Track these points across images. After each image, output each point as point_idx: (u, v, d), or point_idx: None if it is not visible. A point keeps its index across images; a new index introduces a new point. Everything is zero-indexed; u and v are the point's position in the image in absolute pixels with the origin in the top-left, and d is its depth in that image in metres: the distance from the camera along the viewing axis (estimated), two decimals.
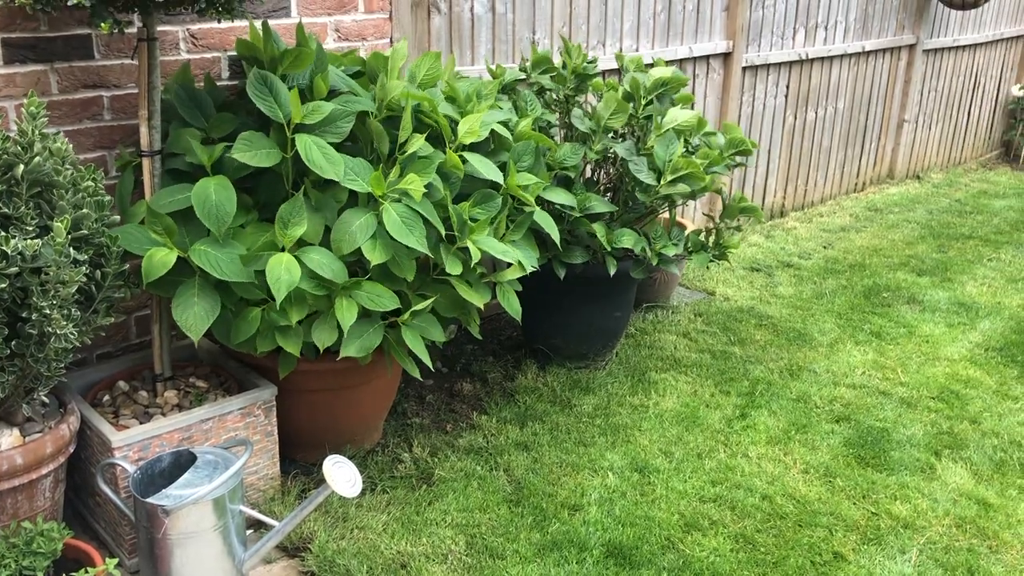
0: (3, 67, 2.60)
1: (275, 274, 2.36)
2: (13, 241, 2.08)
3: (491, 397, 3.50)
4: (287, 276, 2.37)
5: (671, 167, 3.19)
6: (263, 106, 2.44)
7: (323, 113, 2.42)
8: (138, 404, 2.70)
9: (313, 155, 2.41)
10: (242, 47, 2.71)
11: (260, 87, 2.46)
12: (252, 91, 2.45)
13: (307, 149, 2.41)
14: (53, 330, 2.16)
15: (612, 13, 4.40)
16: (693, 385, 3.65)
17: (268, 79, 2.47)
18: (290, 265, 2.39)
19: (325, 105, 2.43)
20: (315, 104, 2.43)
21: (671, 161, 3.21)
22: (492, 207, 2.68)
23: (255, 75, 2.47)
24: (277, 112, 2.45)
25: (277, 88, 2.46)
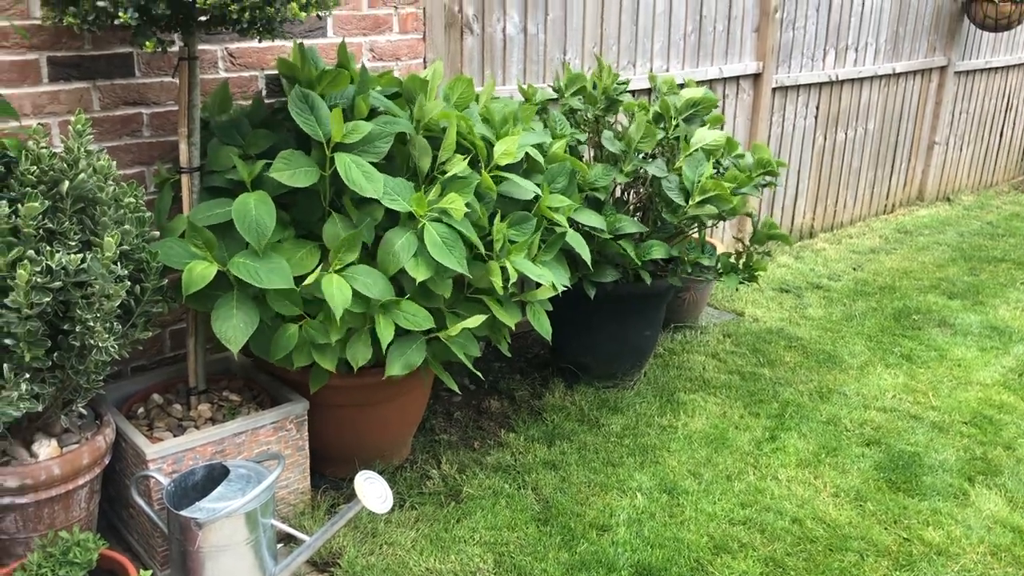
0: (48, 84, 2.66)
1: (331, 293, 2.39)
2: (58, 256, 2.12)
3: (519, 415, 3.50)
4: (340, 295, 2.40)
5: (699, 188, 3.20)
6: (303, 124, 2.48)
7: (362, 133, 2.45)
8: (172, 417, 2.74)
9: (353, 174, 2.44)
10: (283, 66, 2.75)
11: (301, 105, 2.50)
12: (293, 108, 2.48)
13: (347, 168, 2.44)
14: (95, 343, 2.20)
15: (643, 33, 4.42)
16: (722, 406, 3.64)
17: (309, 97, 2.51)
18: (341, 286, 2.42)
19: (364, 125, 2.47)
20: (355, 124, 2.47)
21: (699, 182, 3.22)
22: (527, 229, 2.70)
23: (296, 93, 2.51)
24: (317, 130, 2.48)
25: (317, 107, 2.50)
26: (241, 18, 2.14)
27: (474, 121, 2.76)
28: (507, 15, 3.83)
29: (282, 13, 2.18)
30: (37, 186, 2.16)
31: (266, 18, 2.17)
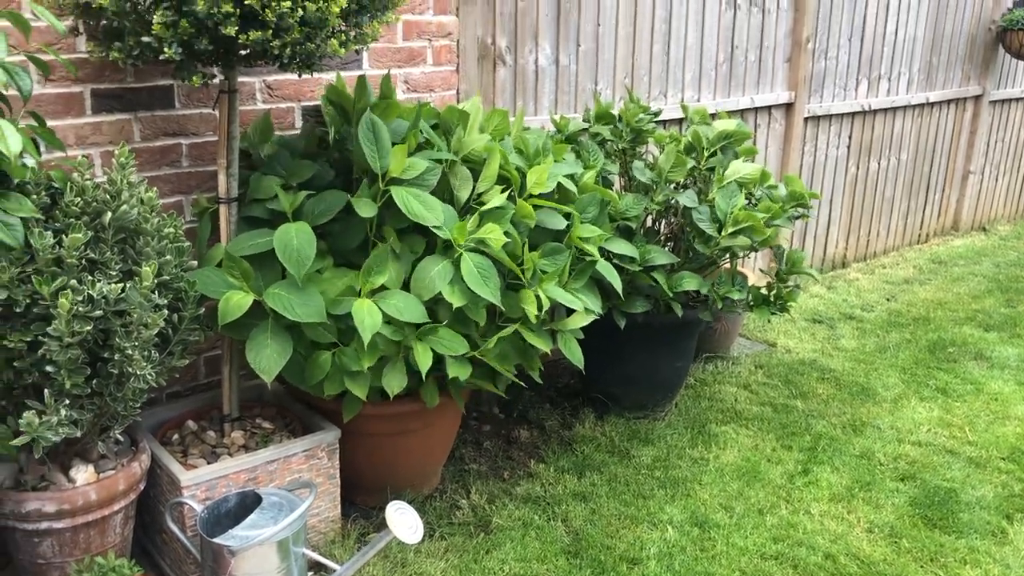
0: (91, 116, 2.72)
1: (360, 318, 2.41)
2: (99, 285, 2.16)
3: (548, 445, 3.50)
4: (370, 320, 2.42)
5: (732, 219, 3.20)
6: (369, 153, 2.51)
7: (418, 170, 2.50)
8: (206, 444, 2.77)
9: (412, 206, 2.49)
10: (332, 92, 2.79)
11: (368, 135, 2.54)
12: (363, 135, 2.52)
13: (405, 201, 2.48)
14: (133, 371, 2.23)
15: (674, 64, 4.45)
16: (754, 439, 3.61)
17: (376, 127, 2.55)
18: (371, 310, 2.45)
19: (420, 162, 2.51)
20: (412, 161, 2.51)
21: (732, 213, 3.22)
22: (559, 259, 2.72)
23: (367, 122, 2.54)
24: (377, 163, 2.52)
25: (382, 138, 2.53)
26: (282, 53, 2.19)
27: (508, 152, 2.79)
28: (539, 47, 3.87)
29: (322, 49, 2.22)
30: (81, 217, 2.21)
31: (306, 53, 2.22)
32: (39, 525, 2.32)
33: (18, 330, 2.15)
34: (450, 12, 3.44)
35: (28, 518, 2.31)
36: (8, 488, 2.37)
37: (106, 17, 2.30)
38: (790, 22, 4.98)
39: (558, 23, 3.91)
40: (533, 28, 3.82)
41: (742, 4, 4.68)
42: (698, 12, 4.47)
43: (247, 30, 2.14)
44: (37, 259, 2.11)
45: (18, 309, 2.12)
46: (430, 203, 2.48)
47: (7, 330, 2.15)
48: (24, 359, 2.19)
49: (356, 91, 2.68)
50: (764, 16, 4.82)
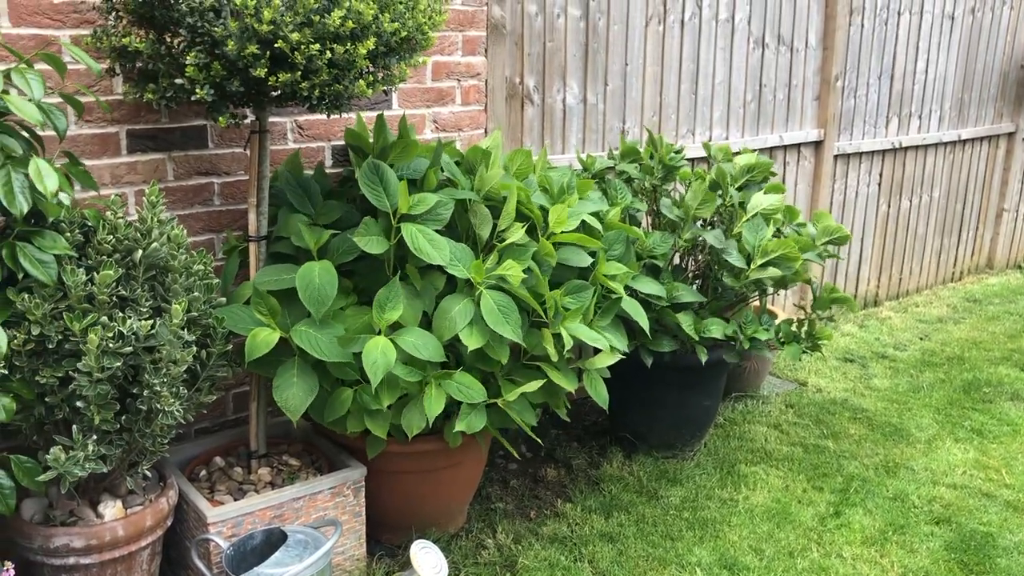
0: (126, 156, 2.78)
1: (371, 357, 2.42)
2: (129, 321, 2.19)
3: (575, 484, 3.47)
4: (383, 359, 2.43)
5: (761, 250, 3.18)
6: (371, 195, 2.54)
7: (428, 205, 2.51)
8: (233, 480, 2.77)
9: (419, 243, 2.50)
10: (350, 136, 2.83)
11: (371, 176, 2.57)
12: (363, 180, 2.55)
13: (413, 238, 2.49)
14: (161, 407, 2.25)
15: (702, 102, 4.46)
16: (785, 480, 3.55)
17: (379, 169, 2.58)
18: (386, 348, 2.45)
19: (430, 197, 2.53)
20: (421, 196, 2.53)
21: (760, 245, 3.20)
22: (583, 298, 2.71)
23: (368, 165, 2.57)
24: (384, 202, 2.55)
25: (387, 179, 2.56)
26: (311, 95, 2.22)
27: (532, 190, 2.80)
28: (567, 86, 3.90)
29: (350, 90, 2.25)
30: (112, 254, 2.25)
31: (335, 94, 2.25)
32: (67, 560, 2.33)
33: (49, 366, 2.18)
34: (479, 53, 3.49)
35: (56, 553, 2.32)
36: (37, 523, 2.39)
37: (141, 60, 2.36)
38: (819, 60, 4.98)
39: (586, 62, 3.94)
40: (561, 68, 3.86)
41: (770, 43, 4.69)
42: (726, 51, 4.49)
43: (277, 72, 2.19)
44: (69, 296, 2.15)
45: (50, 345, 2.15)
46: (438, 242, 2.49)
47: (39, 365, 2.18)
48: (55, 394, 2.22)
49: (375, 133, 2.72)
50: (792, 55, 4.83)
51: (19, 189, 1.98)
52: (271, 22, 2.10)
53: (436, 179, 2.63)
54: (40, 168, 2.00)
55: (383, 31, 2.25)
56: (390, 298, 2.49)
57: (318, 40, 2.16)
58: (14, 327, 2.13)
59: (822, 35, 4.96)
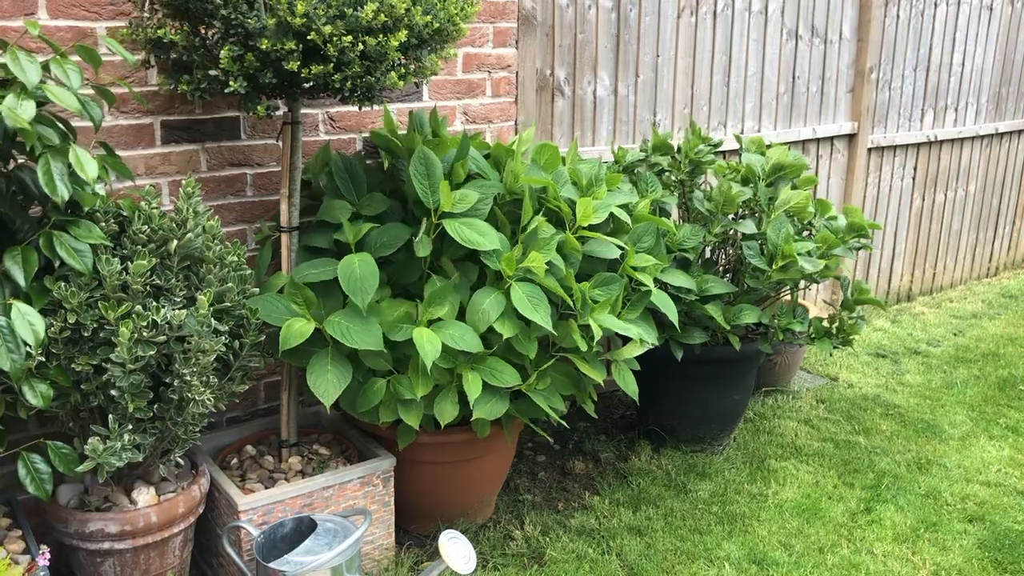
0: (161, 147, 2.81)
1: (421, 344, 2.44)
2: (163, 311, 2.22)
3: (604, 477, 3.47)
4: (431, 347, 2.44)
5: (781, 252, 3.15)
6: (420, 188, 2.55)
7: (469, 203, 2.53)
8: (264, 469, 2.80)
9: (467, 234, 2.51)
10: (376, 137, 2.85)
11: (421, 168, 2.58)
12: (415, 172, 2.56)
13: (459, 230, 2.51)
14: (192, 396, 2.28)
15: (734, 94, 4.42)
16: (815, 475, 3.53)
17: (429, 162, 2.58)
18: (431, 338, 2.47)
19: (471, 194, 2.54)
20: (462, 194, 2.54)
21: (781, 246, 3.17)
22: (612, 289, 2.71)
23: (420, 156, 2.58)
24: (428, 197, 2.56)
25: (434, 174, 2.57)
26: (343, 87, 2.23)
27: (563, 183, 2.80)
28: (598, 78, 3.88)
29: (382, 82, 2.26)
30: (147, 244, 2.28)
31: (366, 86, 2.26)
32: (101, 545, 2.37)
33: (85, 353, 2.21)
34: (509, 44, 3.48)
35: (91, 538, 2.36)
36: (73, 508, 2.42)
37: (176, 51, 2.38)
38: (853, 52, 4.92)
39: (617, 54, 3.92)
40: (592, 59, 3.84)
41: (804, 34, 4.65)
42: (758, 43, 4.45)
43: (309, 64, 2.20)
44: (104, 285, 2.18)
45: (85, 333, 2.18)
46: (482, 228, 2.50)
47: (75, 353, 2.21)
48: (91, 382, 2.25)
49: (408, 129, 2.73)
50: (826, 47, 4.78)
51: (59, 176, 2.01)
52: (304, 15, 2.11)
53: (464, 171, 2.63)
54: (79, 156, 2.02)
55: (415, 23, 2.25)
56: (437, 297, 2.52)
57: (350, 32, 2.17)
58: (51, 315, 2.17)
59: (856, 26, 4.90)
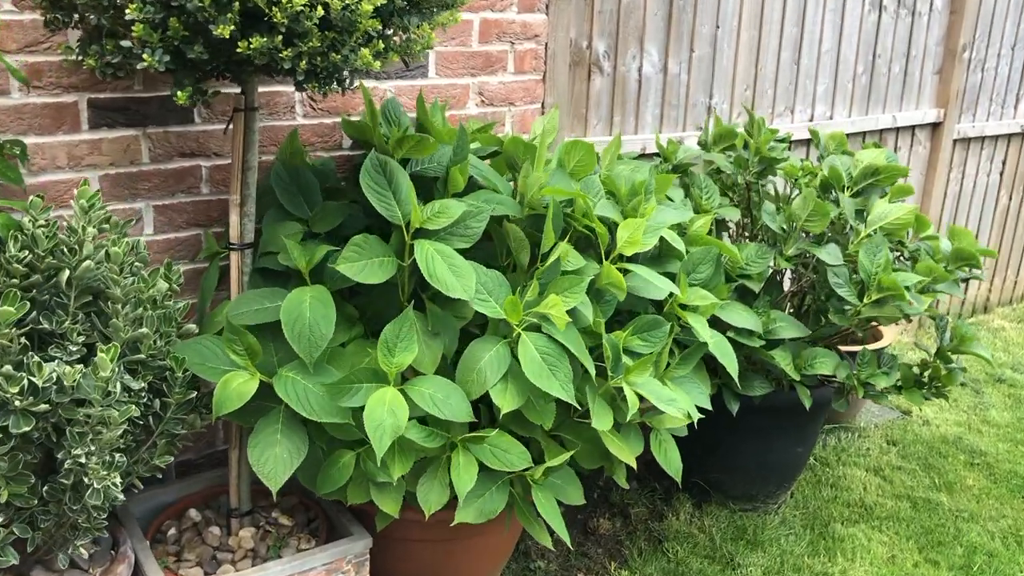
0: (88, 132, 2.20)
1: (375, 417, 1.82)
2: (49, 367, 1.63)
3: (633, 541, 2.86)
4: (391, 420, 1.83)
5: (876, 283, 2.49)
6: (379, 203, 1.92)
7: (451, 217, 1.88)
8: (207, 544, 2.23)
9: (436, 269, 1.88)
10: (349, 128, 2.22)
11: (377, 176, 1.95)
12: (366, 181, 1.94)
13: (428, 261, 1.87)
14: (90, 482, 1.70)
15: (804, 75, 3.73)
16: (890, 547, 2.90)
17: (387, 167, 1.96)
18: (395, 404, 1.85)
19: (453, 206, 1.90)
20: (441, 204, 1.90)
21: (877, 275, 2.51)
22: (655, 338, 2.07)
23: (372, 162, 1.96)
24: (395, 211, 1.93)
25: (398, 181, 1.94)
26: (296, 66, 1.61)
27: (597, 195, 2.15)
28: (644, 52, 3.22)
29: (351, 61, 1.63)
30: (29, 277, 1.68)
31: (330, 67, 1.63)
32: None
33: None
34: (538, 10, 2.83)
35: None
36: None
37: (77, 11, 1.76)
38: (944, 27, 4.19)
39: (669, 24, 3.25)
40: (638, 30, 3.17)
41: (888, 5, 3.93)
42: (836, 13, 3.75)
43: (249, 35, 1.57)
44: None
45: None
46: (461, 268, 1.87)
47: None
48: None
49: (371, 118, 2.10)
50: (914, 19, 4.06)
51: None
52: None
53: (464, 178, 2.00)
54: None
55: None
56: (401, 336, 1.88)
57: None
58: None
59: None
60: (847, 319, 2.52)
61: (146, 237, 2.34)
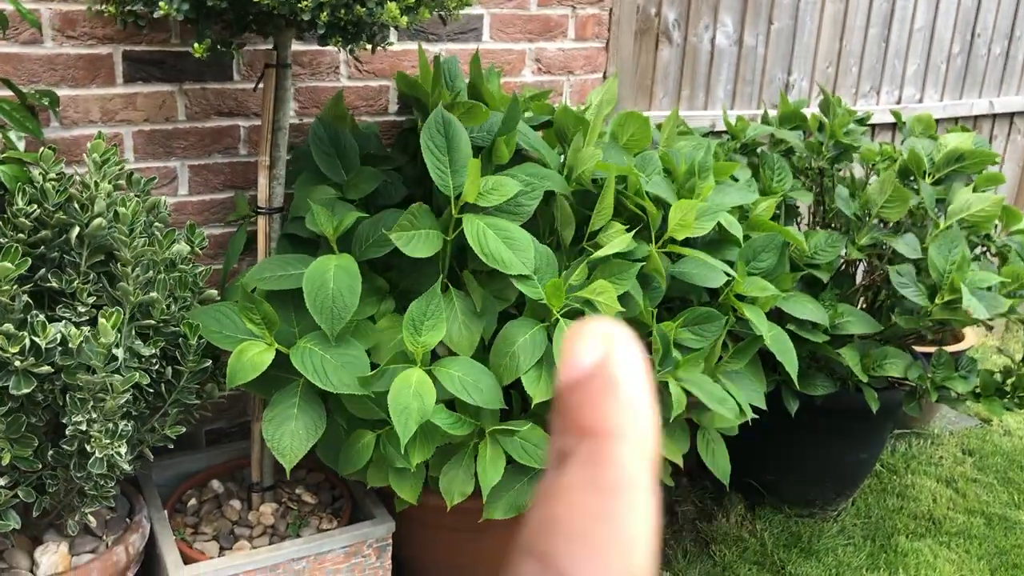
0: (123, 85, 2.13)
1: (400, 400, 1.70)
2: (54, 327, 1.55)
3: (678, 542, 2.71)
4: (417, 403, 1.71)
5: (949, 283, 2.25)
6: (434, 168, 1.78)
7: (504, 195, 1.73)
8: (226, 518, 2.15)
9: (490, 244, 1.74)
10: (402, 83, 2.09)
11: (437, 137, 1.80)
12: (426, 140, 1.79)
13: (479, 236, 1.73)
14: (92, 450, 1.62)
15: (893, 53, 3.47)
16: (958, 566, 2.68)
17: (450, 128, 1.80)
18: (422, 387, 1.73)
19: (509, 184, 1.74)
20: (495, 180, 1.75)
21: (950, 274, 2.27)
22: (709, 332, 1.90)
23: (437, 117, 1.81)
24: (447, 181, 1.78)
25: (458, 145, 1.79)
26: (317, 18, 1.48)
27: (651, 171, 1.98)
28: (719, 22, 3.01)
29: (377, 15, 1.49)
30: (38, 232, 1.60)
31: (353, 21, 1.50)
32: None
33: None
34: None
35: None
36: None
37: None
38: None
39: None
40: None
41: None
42: None
43: None
44: None
45: None
46: (518, 241, 1.72)
47: None
48: None
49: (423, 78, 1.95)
50: None
51: None
52: None
53: (510, 151, 1.85)
54: None
55: None
56: (429, 314, 1.76)
57: None
58: None
59: None
60: (914, 322, 2.30)
61: (180, 198, 2.27)
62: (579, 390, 0.28)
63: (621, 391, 0.28)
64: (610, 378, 0.28)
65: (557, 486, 0.27)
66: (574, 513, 0.27)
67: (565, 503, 0.27)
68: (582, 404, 0.28)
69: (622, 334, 0.29)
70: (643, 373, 0.29)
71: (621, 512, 0.27)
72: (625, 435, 0.28)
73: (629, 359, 0.29)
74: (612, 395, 0.28)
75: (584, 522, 0.27)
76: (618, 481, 0.27)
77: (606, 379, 0.28)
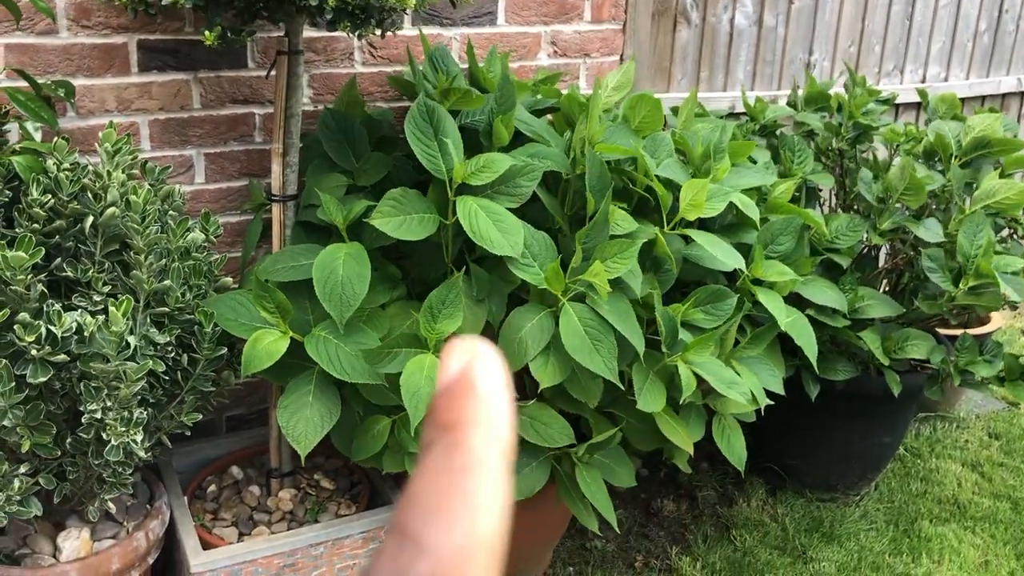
0: (138, 74, 2.14)
1: (412, 384, 1.70)
2: (70, 316, 1.56)
3: (699, 526, 2.70)
4: (428, 387, 1.71)
5: (975, 267, 2.21)
6: (422, 154, 1.78)
7: (495, 172, 1.73)
8: (245, 504, 2.17)
9: (480, 225, 1.73)
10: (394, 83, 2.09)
11: (423, 124, 1.81)
12: (411, 129, 1.80)
13: (471, 217, 1.73)
14: (108, 437, 1.63)
15: (917, 31, 3.41)
16: (983, 551, 2.65)
17: (434, 114, 1.81)
18: (433, 371, 1.73)
19: (498, 160, 1.74)
20: (486, 158, 1.74)
21: (976, 258, 2.23)
22: (721, 310, 1.88)
23: (420, 107, 1.82)
24: (439, 164, 1.78)
25: (445, 130, 1.79)
26: (324, 4, 1.47)
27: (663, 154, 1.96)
28: (738, 2, 2.98)
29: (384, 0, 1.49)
30: (52, 222, 1.61)
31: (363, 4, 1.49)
32: None
33: None
34: None
35: None
36: None
37: None
38: None
39: None
40: None
41: None
42: None
43: None
44: None
45: None
46: (508, 224, 1.71)
47: None
48: None
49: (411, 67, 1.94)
50: None
51: None
52: None
53: (508, 132, 1.84)
54: None
55: None
56: (447, 303, 1.75)
57: None
58: None
59: None
60: (937, 306, 2.27)
61: (197, 186, 2.28)
62: (445, 394, 0.33)
63: (477, 388, 0.33)
64: (469, 380, 0.33)
65: (420, 470, 0.32)
66: (430, 491, 0.31)
67: (423, 483, 0.32)
68: (446, 405, 0.33)
69: (483, 347, 0.34)
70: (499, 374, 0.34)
71: (470, 487, 0.31)
72: (477, 424, 0.32)
73: (486, 364, 0.33)
74: (469, 393, 0.33)
75: (439, 498, 0.31)
76: (469, 462, 0.32)
77: (466, 381, 0.33)
